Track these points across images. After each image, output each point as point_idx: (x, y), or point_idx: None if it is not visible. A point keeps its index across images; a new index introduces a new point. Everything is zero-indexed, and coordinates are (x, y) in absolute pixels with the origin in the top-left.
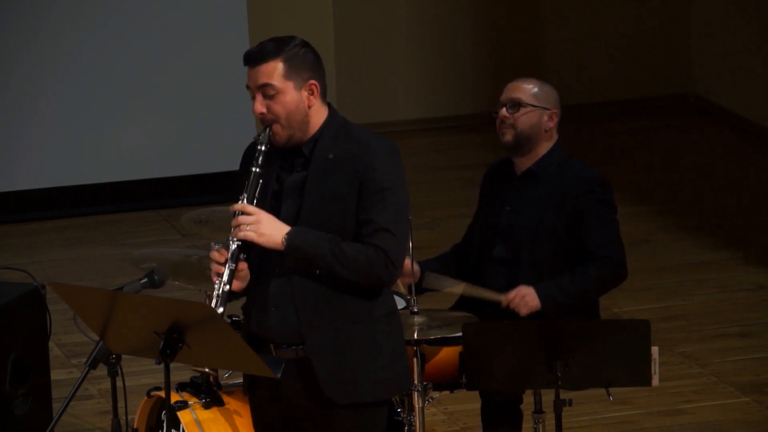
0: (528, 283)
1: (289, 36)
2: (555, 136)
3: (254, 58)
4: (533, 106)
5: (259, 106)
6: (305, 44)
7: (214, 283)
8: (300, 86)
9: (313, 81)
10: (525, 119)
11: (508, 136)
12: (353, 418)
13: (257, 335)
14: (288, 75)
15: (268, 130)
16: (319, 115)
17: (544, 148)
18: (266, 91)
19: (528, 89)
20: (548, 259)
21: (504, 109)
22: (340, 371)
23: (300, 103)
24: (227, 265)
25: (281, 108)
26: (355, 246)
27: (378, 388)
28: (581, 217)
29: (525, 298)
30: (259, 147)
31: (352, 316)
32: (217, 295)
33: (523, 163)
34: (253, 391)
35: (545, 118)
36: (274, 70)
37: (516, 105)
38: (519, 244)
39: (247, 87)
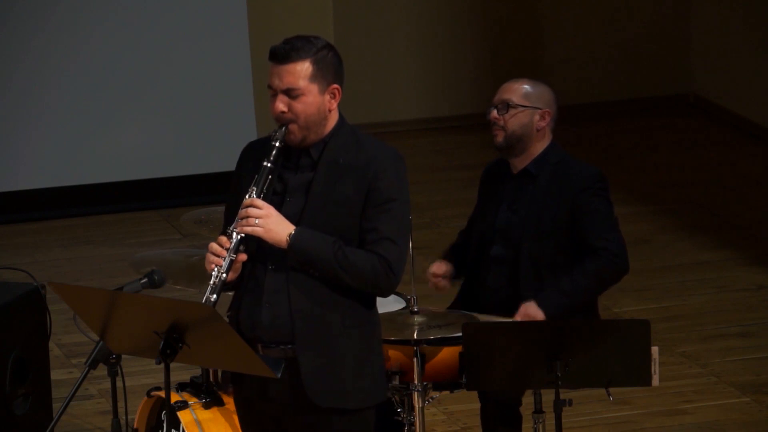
0: (528, 281)
1: (314, 36)
2: (550, 135)
3: (283, 55)
4: (523, 106)
5: (281, 105)
6: (331, 47)
7: (211, 272)
8: (324, 90)
9: (335, 86)
10: (515, 120)
11: (499, 138)
12: (337, 422)
13: (245, 334)
14: (314, 77)
15: (284, 128)
16: (332, 119)
17: (540, 147)
18: (291, 92)
19: (518, 90)
20: (548, 258)
21: (494, 111)
22: (326, 375)
23: (321, 107)
24: (228, 256)
25: (303, 109)
26: (358, 252)
27: (361, 396)
28: (580, 213)
29: (529, 315)
30: (273, 143)
31: (344, 321)
32: (213, 284)
33: (520, 163)
34: (239, 387)
35: (536, 117)
36: (302, 71)
37: (506, 106)
38: (518, 243)
39: (269, 86)
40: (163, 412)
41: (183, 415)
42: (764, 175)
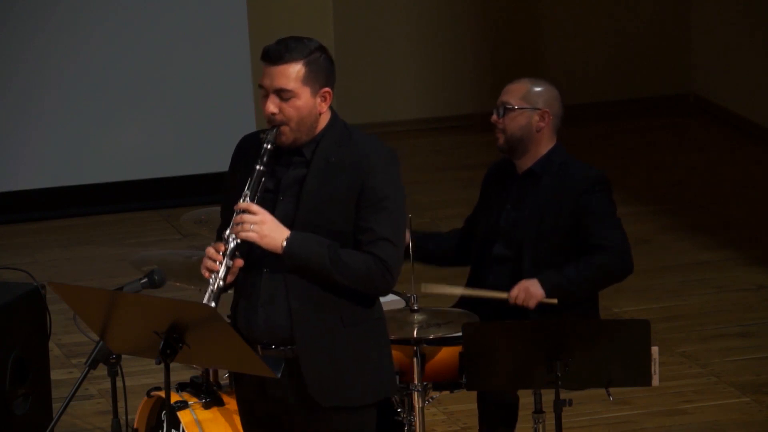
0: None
1: (307, 38)
2: (553, 136)
3: (276, 55)
4: (521, 108)
5: (272, 106)
6: (324, 49)
7: (208, 279)
8: (315, 93)
9: (327, 89)
10: (513, 123)
11: (500, 141)
12: (339, 421)
13: (243, 337)
14: (306, 80)
15: (275, 129)
16: (323, 119)
17: (544, 147)
18: (282, 93)
19: (517, 91)
20: (550, 258)
21: (494, 114)
22: (328, 374)
23: (312, 109)
24: (224, 262)
25: (294, 112)
26: (354, 254)
27: (364, 393)
28: (582, 214)
29: (529, 290)
30: (264, 146)
31: (344, 319)
32: (212, 291)
33: (524, 163)
34: (240, 386)
35: (536, 118)
36: (295, 73)
37: (504, 109)
38: (520, 242)
39: (260, 85)
40: (163, 412)
41: (183, 415)
42: (764, 175)
